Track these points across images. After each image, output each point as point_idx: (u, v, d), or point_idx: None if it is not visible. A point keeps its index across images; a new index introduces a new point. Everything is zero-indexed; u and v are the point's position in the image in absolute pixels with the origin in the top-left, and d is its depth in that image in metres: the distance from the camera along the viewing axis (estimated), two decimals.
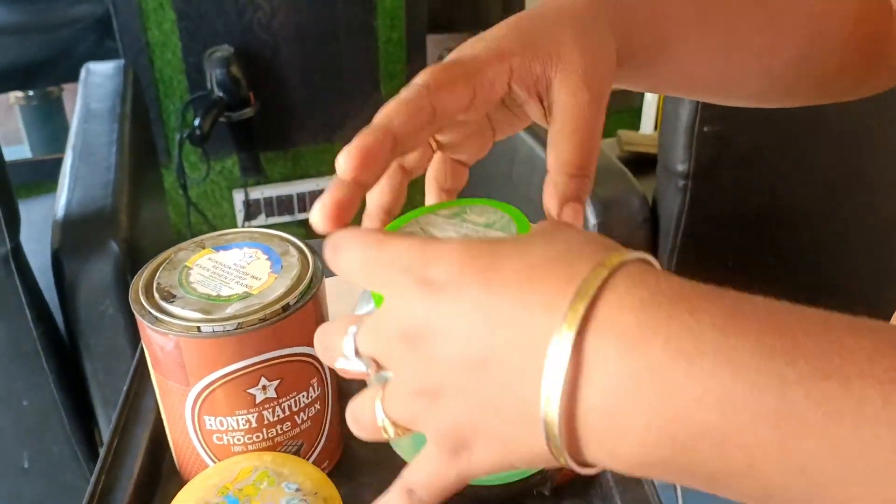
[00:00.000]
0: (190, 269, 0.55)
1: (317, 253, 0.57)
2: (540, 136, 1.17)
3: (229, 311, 0.51)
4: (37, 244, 0.98)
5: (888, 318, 0.48)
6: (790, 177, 0.98)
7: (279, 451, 0.55)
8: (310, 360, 0.54)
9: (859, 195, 1.06)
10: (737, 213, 1.00)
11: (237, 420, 0.53)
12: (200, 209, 1.85)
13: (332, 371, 0.57)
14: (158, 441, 0.59)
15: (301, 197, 1.92)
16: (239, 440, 0.54)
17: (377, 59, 1.85)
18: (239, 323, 0.51)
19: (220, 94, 1.72)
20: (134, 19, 1.70)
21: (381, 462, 0.60)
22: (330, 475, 0.59)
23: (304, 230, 1.99)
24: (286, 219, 1.94)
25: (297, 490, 0.50)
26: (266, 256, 0.56)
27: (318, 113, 1.84)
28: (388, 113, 0.38)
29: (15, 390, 0.94)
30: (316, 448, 0.58)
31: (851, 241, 1.07)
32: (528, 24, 0.42)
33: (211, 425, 0.54)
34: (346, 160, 0.36)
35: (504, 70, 0.40)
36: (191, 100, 1.76)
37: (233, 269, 0.55)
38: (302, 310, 0.53)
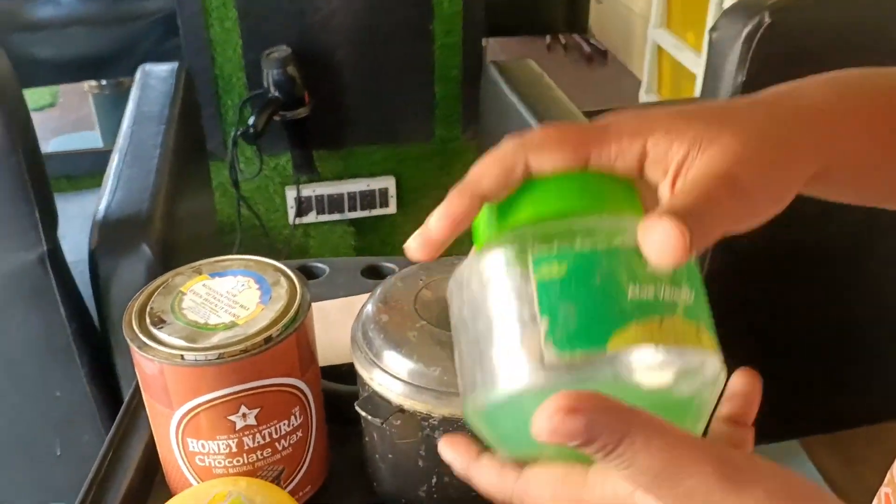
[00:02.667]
0: (184, 294, 0.57)
1: (305, 284, 0.58)
2: None
3: (213, 340, 0.53)
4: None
5: None
6: (824, 211, 0.95)
7: (259, 475, 0.57)
8: (291, 389, 0.56)
9: None
10: (766, 247, 0.97)
11: (218, 444, 0.55)
12: (253, 204, 1.89)
13: (317, 401, 0.59)
14: (152, 456, 0.61)
15: (352, 196, 1.95)
16: (220, 463, 0.56)
17: (432, 62, 1.86)
18: (220, 353, 0.52)
19: (276, 93, 1.75)
20: (197, 16, 1.74)
21: (364, 489, 0.62)
22: (311, 501, 0.61)
23: (354, 229, 2.02)
24: (336, 217, 1.97)
25: None
26: (257, 286, 0.58)
27: (371, 114, 1.86)
28: (479, 171, 0.36)
29: (49, 382, 0.98)
30: (297, 473, 0.59)
31: (887, 281, 1.03)
32: (702, 109, 0.37)
33: (194, 447, 0.56)
34: (436, 224, 0.36)
35: (634, 148, 0.36)
36: (248, 97, 1.80)
37: (224, 296, 0.57)
38: (284, 342, 0.54)
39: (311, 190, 1.92)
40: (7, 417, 1.02)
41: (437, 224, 0.36)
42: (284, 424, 0.57)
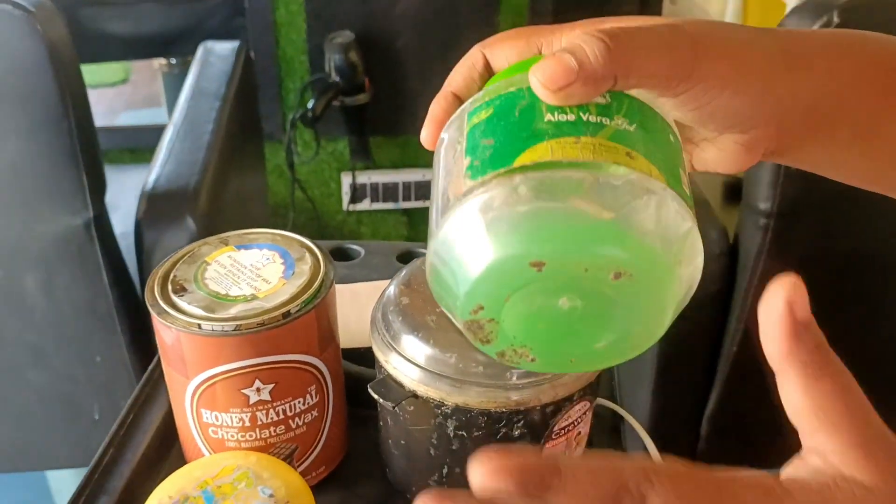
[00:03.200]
0: (208, 264, 0.57)
1: (331, 262, 0.57)
2: None
3: (232, 312, 0.53)
4: None
5: None
6: (881, 220, 0.91)
7: (272, 451, 0.56)
8: (308, 367, 0.55)
9: None
10: (821, 257, 0.94)
11: (231, 417, 0.55)
12: (308, 188, 1.90)
13: (336, 381, 0.58)
14: (170, 425, 0.61)
15: (406, 186, 1.94)
16: (233, 436, 0.56)
17: None
18: (237, 325, 0.52)
19: (337, 78, 1.75)
20: None
21: (379, 475, 0.61)
22: (325, 482, 0.61)
23: (406, 218, 2.01)
24: (389, 206, 1.97)
25: (271, 496, 0.50)
26: (282, 260, 0.57)
27: (428, 103, 1.86)
28: (451, 75, 0.41)
29: (91, 347, 1.00)
30: (311, 453, 0.58)
31: None
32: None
33: (207, 418, 0.55)
34: (425, 130, 0.40)
35: None
36: (309, 81, 1.81)
37: (248, 269, 0.56)
38: (303, 318, 0.53)
39: (366, 177, 1.93)
40: (49, 379, 1.05)
41: (425, 131, 0.40)
42: (299, 402, 0.56)
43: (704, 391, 1.07)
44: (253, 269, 0.56)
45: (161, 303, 0.54)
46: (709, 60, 0.35)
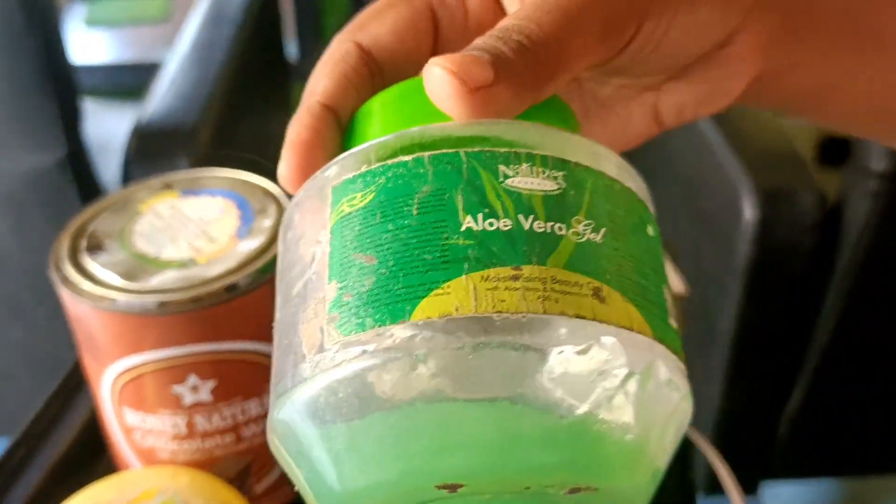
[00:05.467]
0: (142, 214, 0.43)
1: None
2: None
3: (155, 282, 0.38)
4: None
5: None
6: None
7: (219, 466, 0.42)
8: (264, 359, 0.41)
9: None
10: None
11: (162, 421, 0.41)
12: None
13: None
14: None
15: None
16: (166, 445, 0.42)
17: None
18: (162, 301, 0.38)
19: None
20: None
21: None
22: (297, 502, 0.47)
23: None
24: None
25: None
26: (238, 213, 0.42)
27: None
28: (313, 76, 0.27)
29: None
30: (273, 469, 0.44)
31: None
32: None
33: (132, 420, 0.42)
34: (283, 165, 0.25)
35: None
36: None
37: (193, 222, 0.42)
38: (255, 294, 0.39)
39: None
40: (33, 333, 0.94)
41: (283, 165, 0.25)
42: (254, 405, 0.42)
43: (786, 388, 0.90)
44: (199, 223, 0.42)
45: (67, 265, 0.40)
46: None
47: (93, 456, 0.47)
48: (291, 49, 1.67)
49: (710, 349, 0.91)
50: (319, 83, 0.26)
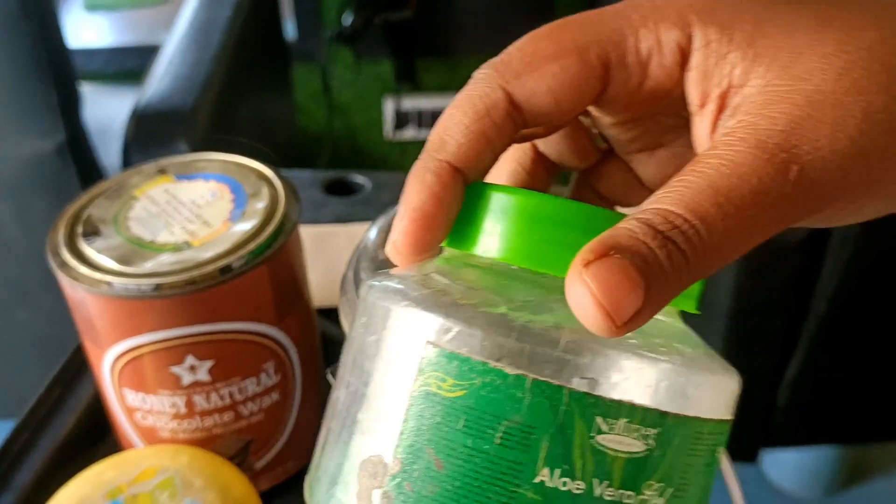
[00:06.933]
0: (136, 199, 0.43)
1: (295, 199, 0.43)
2: None
3: (150, 265, 0.39)
4: None
5: None
6: None
7: (219, 444, 0.43)
8: (261, 339, 0.42)
9: None
10: None
11: (161, 401, 0.42)
12: (347, 115, 1.76)
13: (307, 356, 0.45)
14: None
15: None
16: (166, 424, 0.43)
17: None
18: (158, 284, 0.38)
19: None
20: None
21: None
22: (294, 481, 0.48)
23: None
24: None
25: None
26: (231, 196, 0.43)
27: (481, 18, 1.68)
28: (443, 125, 0.23)
29: None
30: (273, 446, 0.45)
31: None
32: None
33: (132, 401, 0.42)
34: (400, 237, 0.22)
35: (670, 40, 0.22)
36: None
37: (186, 207, 0.43)
38: (248, 275, 0.40)
39: (411, 103, 1.77)
40: (38, 316, 0.94)
41: (399, 235, 0.22)
42: (251, 383, 0.42)
43: (784, 356, 0.91)
44: (193, 208, 0.43)
45: (64, 251, 0.40)
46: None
47: (95, 439, 0.48)
48: (289, 28, 1.66)
49: (709, 321, 0.92)
50: (454, 138, 0.22)
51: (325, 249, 0.60)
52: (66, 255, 0.40)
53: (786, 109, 0.19)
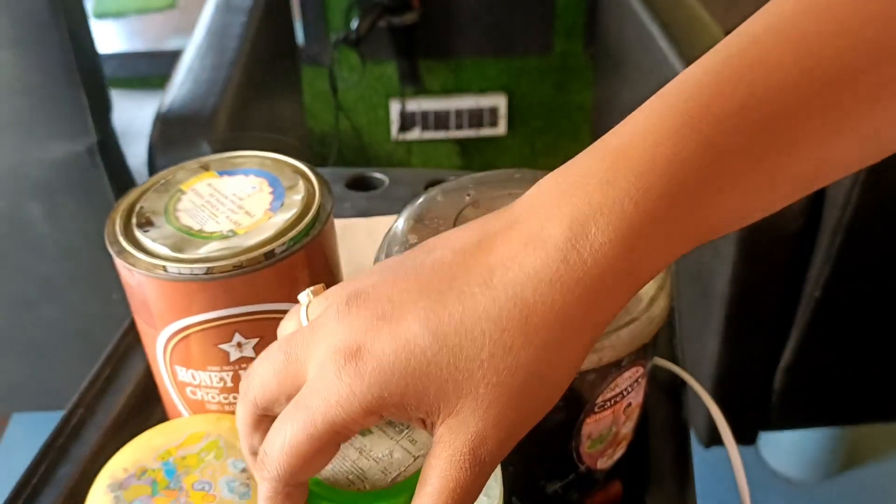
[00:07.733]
0: (183, 193, 0.47)
1: (329, 191, 0.47)
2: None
3: (203, 251, 0.43)
4: None
5: None
6: None
7: None
8: None
9: None
10: None
11: (210, 376, 0.46)
12: (353, 116, 1.80)
13: None
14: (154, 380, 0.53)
15: (459, 113, 1.82)
16: (213, 398, 0.47)
17: None
18: (209, 268, 0.42)
19: None
20: None
21: None
22: None
23: (459, 148, 1.90)
24: (441, 135, 1.86)
25: (243, 471, 0.42)
26: (270, 189, 0.47)
27: (484, 22, 1.72)
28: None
29: (104, 282, 0.93)
30: None
31: None
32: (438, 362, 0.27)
33: (183, 377, 0.47)
34: None
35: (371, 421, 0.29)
36: (355, 0, 1.69)
37: (229, 199, 0.47)
38: (289, 259, 0.44)
39: (416, 104, 1.81)
40: (64, 314, 0.98)
41: None
42: None
43: (780, 340, 0.95)
44: (235, 200, 0.47)
45: (122, 240, 0.45)
46: None
47: (144, 413, 0.52)
48: (297, 32, 1.70)
49: (708, 309, 0.96)
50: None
51: (347, 240, 0.64)
52: (124, 243, 0.44)
53: None
